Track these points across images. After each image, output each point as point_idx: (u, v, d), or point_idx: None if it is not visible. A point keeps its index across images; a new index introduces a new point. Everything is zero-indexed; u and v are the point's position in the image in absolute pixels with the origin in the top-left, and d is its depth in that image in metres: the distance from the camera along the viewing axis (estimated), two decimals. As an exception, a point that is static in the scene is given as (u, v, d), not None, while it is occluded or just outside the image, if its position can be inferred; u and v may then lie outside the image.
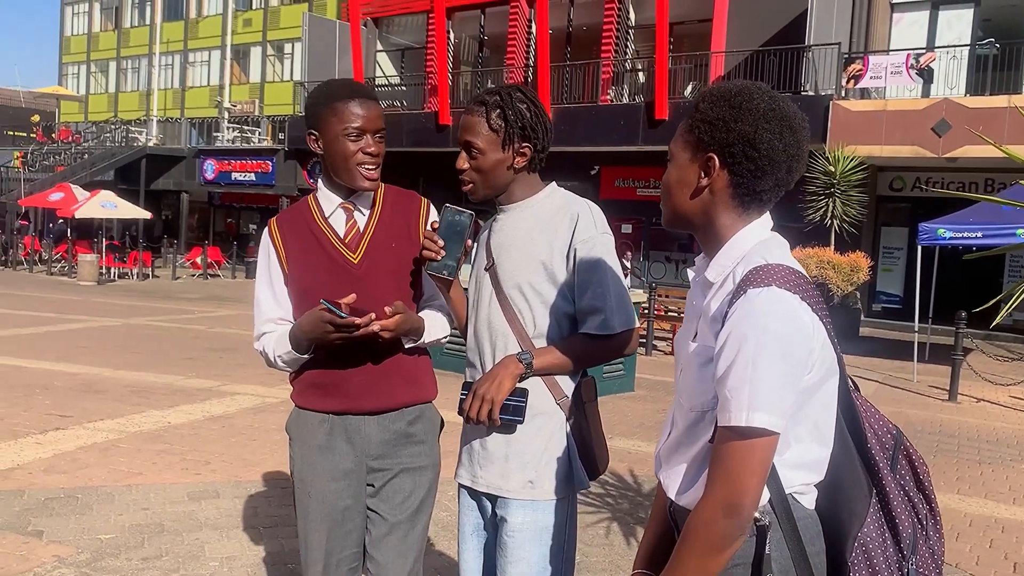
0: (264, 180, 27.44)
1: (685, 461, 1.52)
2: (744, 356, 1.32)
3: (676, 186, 1.52)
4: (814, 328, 1.37)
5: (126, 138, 31.68)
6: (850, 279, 14.59)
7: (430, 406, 2.33)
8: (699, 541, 1.35)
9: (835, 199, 14.94)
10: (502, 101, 2.06)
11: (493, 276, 2.11)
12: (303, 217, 2.24)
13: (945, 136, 15.04)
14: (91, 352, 9.85)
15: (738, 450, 1.33)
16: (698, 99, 1.49)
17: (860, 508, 1.45)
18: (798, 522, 1.42)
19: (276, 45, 38.21)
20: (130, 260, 23.32)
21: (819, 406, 1.42)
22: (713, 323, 1.44)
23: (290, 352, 2.15)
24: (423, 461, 2.28)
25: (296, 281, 2.20)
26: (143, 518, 4.37)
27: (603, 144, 18.49)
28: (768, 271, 1.37)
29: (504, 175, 2.09)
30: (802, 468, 1.44)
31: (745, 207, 1.47)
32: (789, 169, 1.44)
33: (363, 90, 2.17)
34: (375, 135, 2.15)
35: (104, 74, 45.86)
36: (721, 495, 1.33)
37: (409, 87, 24.39)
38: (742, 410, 1.31)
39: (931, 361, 12.15)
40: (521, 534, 2.04)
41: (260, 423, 6.55)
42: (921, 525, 1.49)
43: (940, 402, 9.40)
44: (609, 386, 8.47)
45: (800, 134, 1.44)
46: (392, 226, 2.25)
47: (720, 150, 1.43)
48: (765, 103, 1.42)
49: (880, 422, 1.53)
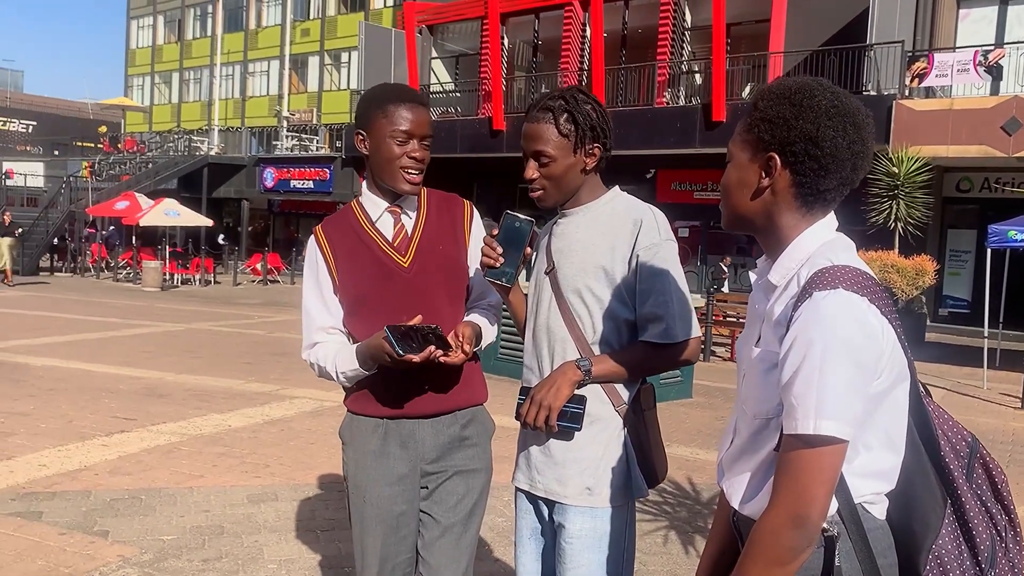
0: (322, 187, 27.88)
1: (749, 469, 1.47)
2: (811, 361, 1.27)
3: (736, 187, 1.47)
4: (883, 331, 1.32)
5: (188, 147, 32.51)
6: (915, 283, 14.20)
7: (482, 409, 2.32)
8: (764, 553, 1.30)
9: (899, 201, 14.56)
10: (568, 104, 2.03)
11: (553, 280, 2.08)
12: (349, 222, 2.24)
13: (1016, 135, 14.55)
14: (154, 357, 10.08)
15: (805, 459, 1.28)
16: (757, 97, 1.44)
17: (934, 519, 1.38)
18: (868, 533, 1.37)
19: (333, 54, 38.83)
20: (192, 266, 23.85)
21: (889, 412, 1.37)
22: (777, 327, 1.39)
23: (356, 370, 2.14)
24: (476, 464, 2.26)
25: (346, 288, 2.19)
26: (204, 520, 4.43)
27: (659, 147, 18.32)
28: (834, 273, 1.32)
29: (576, 178, 2.07)
30: (872, 477, 1.38)
31: (809, 207, 1.42)
32: (854, 167, 1.39)
33: (414, 95, 2.18)
34: (421, 140, 2.15)
35: (167, 85, 47.14)
36: (787, 505, 1.28)
37: (463, 93, 24.52)
38: (809, 418, 1.26)
39: (1002, 368, 11.73)
40: (580, 540, 2.01)
41: (318, 427, 6.61)
42: (1000, 537, 1.42)
43: (1013, 410, 9.07)
44: (667, 392, 8.36)
45: (864, 130, 1.39)
46: (439, 228, 2.24)
47: (781, 149, 1.39)
48: (827, 99, 1.38)
49: (954, 429, 1.46)
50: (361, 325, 2.18)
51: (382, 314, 2.12)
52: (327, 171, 27.67)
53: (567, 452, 2.03)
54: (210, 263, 24.50)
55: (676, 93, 20.00)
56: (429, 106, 2.20)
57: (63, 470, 5.20)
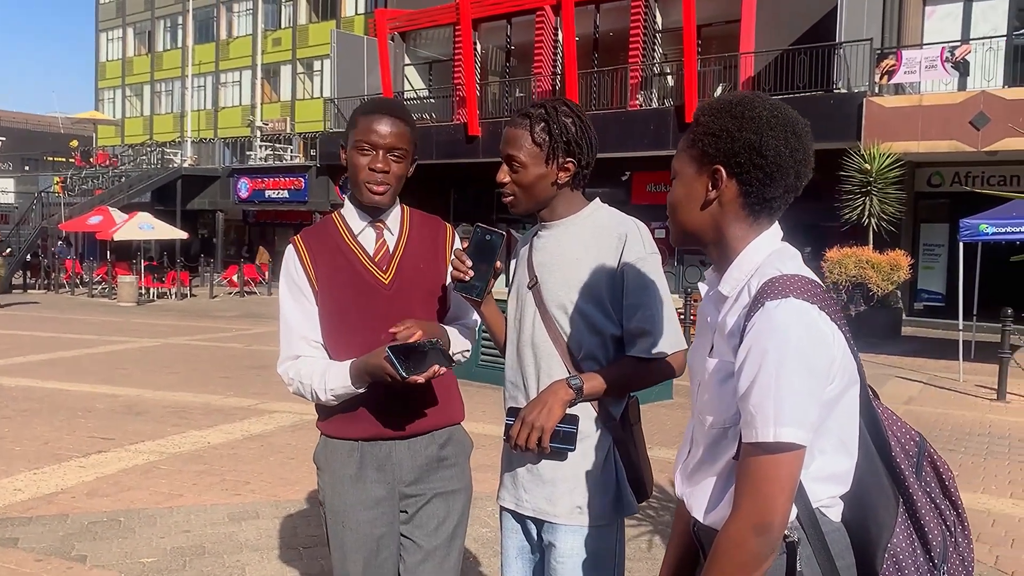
0: (297, 197, 27.74)
1: (710, 479, 1.49)
2: (767, 370, 1.30)
3: (684, 202, 1.50)
4: (834, 338, 1.35)
5: (161, 160, 32.27)
6: (890, 278, 14.35)
7: (459, 427, 2.29)
8: (729, 562, 1.32)
9: (872, 197, 14.72)
10: (547, 115, 2.02)
11: (536, 295, 2.07)
12: (330, 234, 2.20)
13: (984, 129, 14.74)
14: (131, 374, 9.98)
15: (765, 466, 1.30)
16: (698, 113, 1.48)
17: (888, 518, 1.42)
18: (826, 536, 1.40)
19: (305, 63, 38.66)
20: (168, 280, 23.66)
21: (842, 416, 1.40)
22: (731, 338, 1.41)
23: (347, 387, 2.07)
24: (455, 484, 2.23)
25: (325, 300, 2.16)
26: (184, 540, 4.38)
27: (633, 149, 18.38)
28: (784, 282, 1.35)
29: (547, 190, 2.05)
30: (828, 481, 1.41)
31: (756, 217, 1.46)
32: (797, 174, 1.43)
33: (389, 108, 2.13)
34: (389, 152, 2.11)
35: (139, 98, 46.74)
36: (749, 514, 1.30)
37: (437, 99, 24.50)
38: (768, 425, 1.29)
39: (977, 360, 11.86)
40: (571, 560, 2.00)
41: (298, 441, 6.57)
42: (950, 532, 1.46)
43: (988, 402, 9.16)
44: (647, 395, 8.38)
45: (804, 139, 1.44)
46: (420, 247, 2.22)
47: (726, 160, 1.42)
48: (767, 110, 1.42)
49: (903, 430, 1.50)
50: (337, 339, 2.15)
51: (360, 329, 2.10)
52: (302, 180, 27.53)
53: (556, 470, 2.01)
54: (186, 276, 24.30)
55: (649, 95, 20.10)
56: (408, 120, 2.14)
57: (39, 494, 5.13)
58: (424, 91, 25.43)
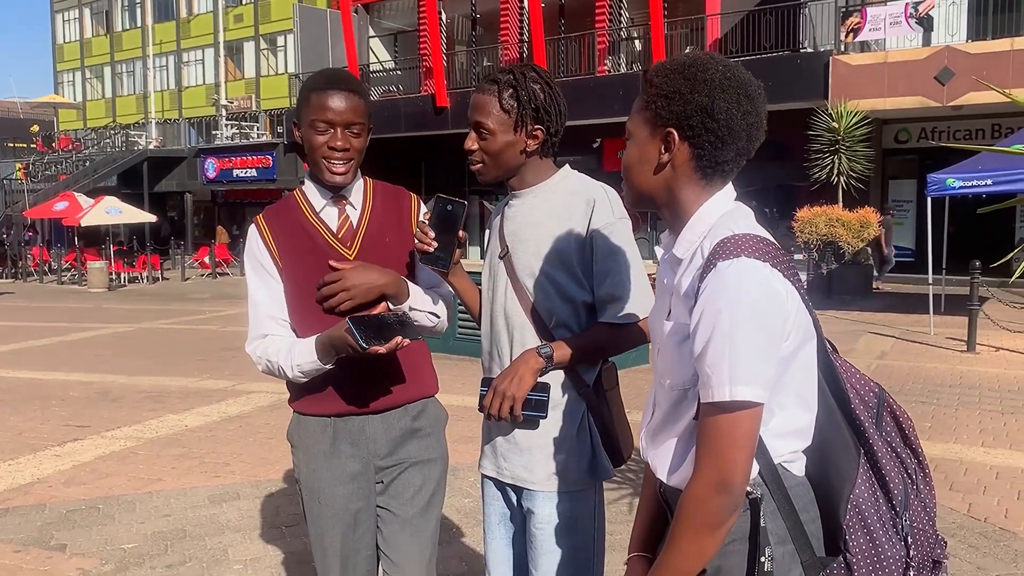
0: (266, 175, 27.45)
1: (671, 440, 1.50)
2: (721, 331, 1.31)
3: (637, 165, 1.50)
4: (787, 294, 1.35)
5: (126, 142, 31.72)
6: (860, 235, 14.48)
7: (433, 399, 2.29)
8: (693, 521, 1.34)
9: (840, 156, 14.81)
10: (515, 81, 1.99)
11: (508, 265, 2.06)
12: (292, 212, 2.17)
13: (949, 84, 14.84)
14: (105, 360, 9.88)
15: (724, 425, 1.31)
16: (651, 75, 1.46)
17: (849, 470, 1.44)
18: (789, 491, 1.42)
19: (269, 38, 38.04)
20: (139, 264, 23.38)
21: (799, 372, 1.41)
22: (686, 300, 1.42)
23: (314, 363, 2.05)
24: (431, 454, 2.23)
25: (290, 279, 2.14)
26: (165, 525, 4.36)
27: (604, 116, 18.33)
28: (736, 242, 1.35)
29: (515, 158, 2.03)
30: (788, 436, 1.43)
31: (708, 179, 1.45)
32: (749, 137, 1.43)
33: (341, 81, 2.07)
34: (347, 128, 2.06)
35: (99, 80, 45.83)
36: (711, 473, 1.32)
37: (404, 71, 24.25)
38: (724, 385, 1.30)
39: (947, 313, 12.04)
40: (550, 526, 2.01)
41: (276, 421, 6.55)
42: (911, 480, 1.48)
43: (959, 353, 9.32)
44: (624, 359, 8.42)
45: (757, 101, 1.43)
46: (384, 220, 2.19)
47: (679, 123, 1.41)
48: (720, 72, 1.40)
49: (861, 381, 1.52)
50: (303, 317, 2.13)
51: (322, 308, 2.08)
52: (270, 158, 27.23)
53: (532, 438, 2.02)
54: (157, 259, 24.02)
55: (617, 60, 20.01)
56: (361, 91, 2.09)
57: (14, 484, 5.08)
58: (390, 63, 25.16)
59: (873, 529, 1.42)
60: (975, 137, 16.94)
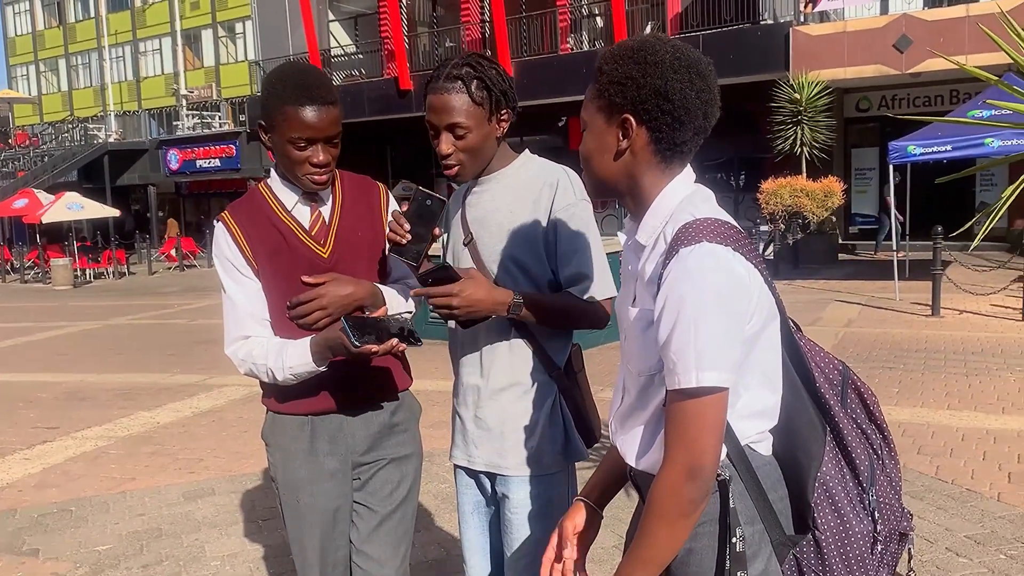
0: (230, 164, 27.11)
1: (640, 425, 1.51)
2: (685, 317, 1.31)
3: (596, 153, 1.49)
4: (750, 277, 1.36)
5: (85, 136, 31.14)
6: (825, 204, 14.62)
7: (408, 392, 2.27)
8: (666, 509, 1.35)
9: (803, 126, 14.92)
10: (476, 71, 1.96)
11: (473, 251, 2.06)
12: (261, 210, 2.11)
13: (907, 52, 14.97)
14: (73, 358, 9.75)
15: (691, 411, 1.32)
16: (600, 62, 1.46)
17: (816, 448, 1.45)
18: (757, 471, 1.43)
19: (227, 26, 37.38)
20: (104, 260, 23.03)
21: (764, 352, 1.42)
22: (650, 286, 1.43)
23: (308, 364, 1.99)
24: (407, 449, 2.22)
25: (266, 280, 2.08)
26: (139, 524, 4.33)
27: (568, 94, 18.26)
28: (697, 227, 1.36)
29: (492, 148, 2.02)
30: (755, 417, 1.44)
31: (667, 162, 1.45)
32: (705, 115, 1.43)
33: (317, 94, 1.95)
34: (327, 143, 2.00)
35: (54, 73, 44.83)
36: (681, 460, 1.33)
37: (366, 55, 23.99)
38: (690, 371, 1.31)
39: (912, 278, 12.23)
40: (525, 510, 2.03)
41: (250, 414, 6.51)
42: (877, 455, 1.50)
43: (924, 318, 9.48)
44: (596, 337, 8.47)
45: (709, 79, 1.43)
46: (356, 214, 2.15)
47: (634, 108, 1.41)
48: (670, 53, 1.40)
49: (826, 360, 1.53)
50: (280, 318, 2.08)
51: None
52: (233, 147, 26.88)
53: (504, 423, 2.03)
54: (122, 254, 23.67)
55: (580, 38, 19.95)
56: (335, 96, 2.00)
57: (-15, 490, 5.01)
58: (351, 47, 24.87)
59: (841, 506, 1.44)
60: (934, 103, 17.13)
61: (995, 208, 2.86)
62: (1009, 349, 7.66)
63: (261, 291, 2.09)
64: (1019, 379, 6.54)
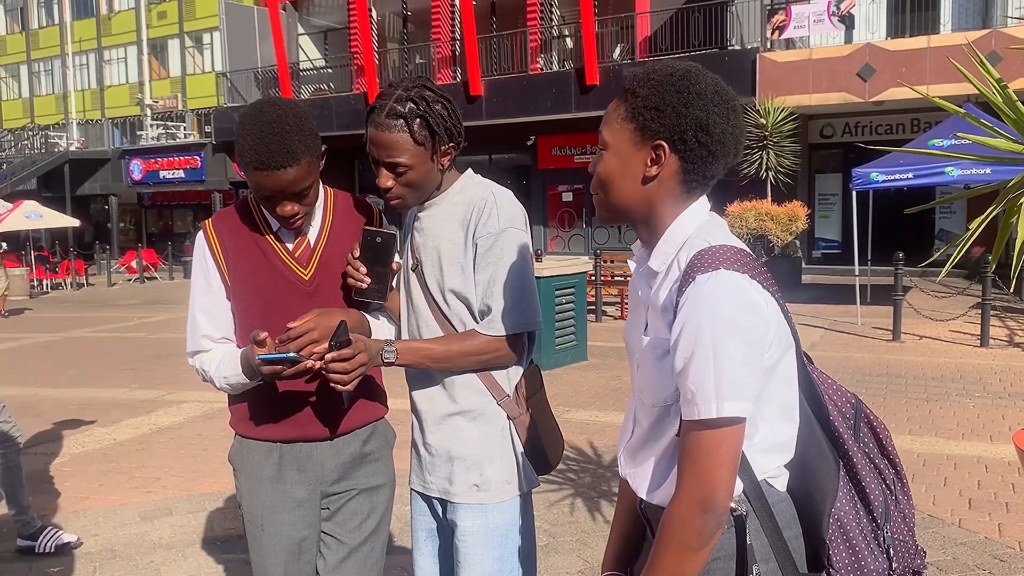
0: (194, 176, 26.81)
1: (653, 458, 1.47)
2: (703, 346, 1.27)
3: (619, 177, 1.43)
4: (767, 305, 1.33)
5: (45, 144, 30.62)
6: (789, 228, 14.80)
7: (383, 421, 2.22)
8: (676, 541, 1.31)
9: (769, 151, 15.12)
10: (419, 109, 1.90)
11: (420, 277, 2.03)
12: (245, 225, 2.05)
13: (870, 80, 15.28)
14: (28, 372, 9.51)
15: (707, 442, 1.28)
16: (635, 84, 1.41)
17: (830, 483, 1.42)
18: (773, 507, 1.39)
19: (194, 36, 37.09)
20: (62, 270, 22.61)
21: (781, 382, 1.39)
22: (664, 313, 1.38)
23: (239, 375, 1.96)
24: (379, 479, 2.17)
25: (240, 298, 2.03)
26: (93, 545, 4.21)
27: (537, 113, 18.38)
28: (713, 253, 1.33)
29: (435, 179, 1.98)
30: (773, 450, 1.41)
31: (690, 192, 1.42)
32: (736, 152, 1.42)
33: (277, 160, 1.85)
34: (293, 197, 1.93)
35: (15, 79, 44.09)
36: (694, 491, 1.29)
37: (335, 69, 23.91)
38: (710, 402, 1.27)
39: (873, 303, 12.40)
40: (472, 537, 1.99)
41: (210, 431, 6.39)
42: (890, 491, 1.47)
43: (885, 343, 9.60)
44: (562, 357, 8.45)
45: (739, 114, 1.41)
46: (344, 238, 2.09)
47: (670, 137, 1.37)
48: (710, 86, 1.38)
49: (839, 392, 1.50)
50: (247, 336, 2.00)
51: (280, 329, 1.93)
52: (198, 159, 26.59)
53: (453, 451, 2.00)
54: (81, 265, 23.24)
55: (549, 59, 20.07)
56: (302, 150, 1.89)
57: (-68, 508, 4.84)
58: (320, 61, 24.79)
59: (855, 543, 1.40)
60: (895, 131, 17.49)
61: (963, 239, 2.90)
62: (968, 375, 7.78)
63: (227, 309, 2.04)
64: (977, 405, 6.64)
